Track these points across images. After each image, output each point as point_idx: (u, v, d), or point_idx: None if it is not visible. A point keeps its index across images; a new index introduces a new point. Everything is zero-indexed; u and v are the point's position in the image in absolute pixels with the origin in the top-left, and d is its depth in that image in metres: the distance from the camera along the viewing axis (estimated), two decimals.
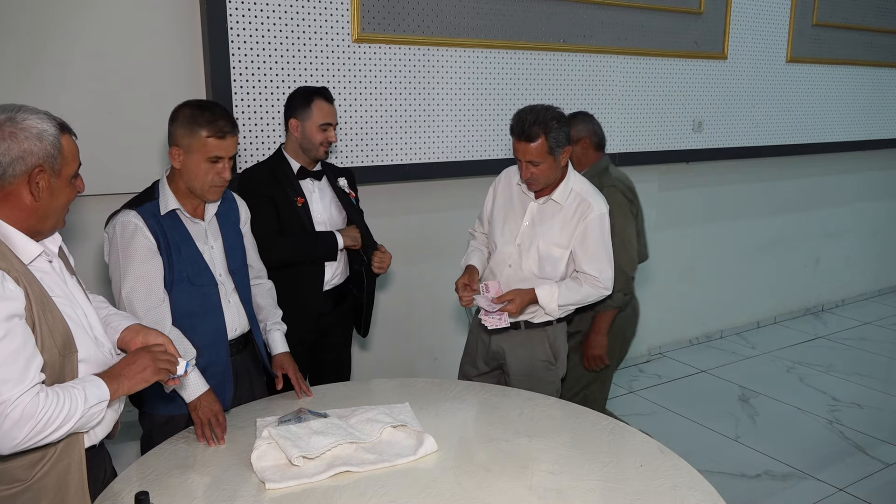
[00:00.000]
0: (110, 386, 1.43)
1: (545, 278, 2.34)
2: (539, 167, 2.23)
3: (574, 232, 2.30)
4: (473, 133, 3.43)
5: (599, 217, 2.29)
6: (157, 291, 1.91)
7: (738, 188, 4.81)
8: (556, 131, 2.20)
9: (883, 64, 5.16)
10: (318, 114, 2.43)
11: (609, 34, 3.76)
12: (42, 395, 1.31)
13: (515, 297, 2.28)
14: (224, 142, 1.91)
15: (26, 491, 1.40)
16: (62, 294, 1.47)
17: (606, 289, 2.33)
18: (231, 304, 2.06)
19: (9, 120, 1.36)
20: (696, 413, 3.76)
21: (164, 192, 1.96)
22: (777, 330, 5.16)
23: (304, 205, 2.48)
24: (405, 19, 3.14)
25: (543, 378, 2.44)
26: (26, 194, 1.38)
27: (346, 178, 2.64)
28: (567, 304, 2.33)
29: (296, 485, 1.60)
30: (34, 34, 2.54)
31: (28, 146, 1.36)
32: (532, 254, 2.34)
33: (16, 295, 1.32)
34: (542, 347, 2.43)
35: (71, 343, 1.43)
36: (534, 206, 2.36)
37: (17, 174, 1.36)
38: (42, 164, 1.38)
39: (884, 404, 3.91)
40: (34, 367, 1.33)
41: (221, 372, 2.03)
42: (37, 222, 1.42)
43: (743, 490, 3.03)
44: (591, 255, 2.30)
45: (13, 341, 1.30)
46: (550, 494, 1.59)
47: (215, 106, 1.95)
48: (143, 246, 1.89)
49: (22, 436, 1.29)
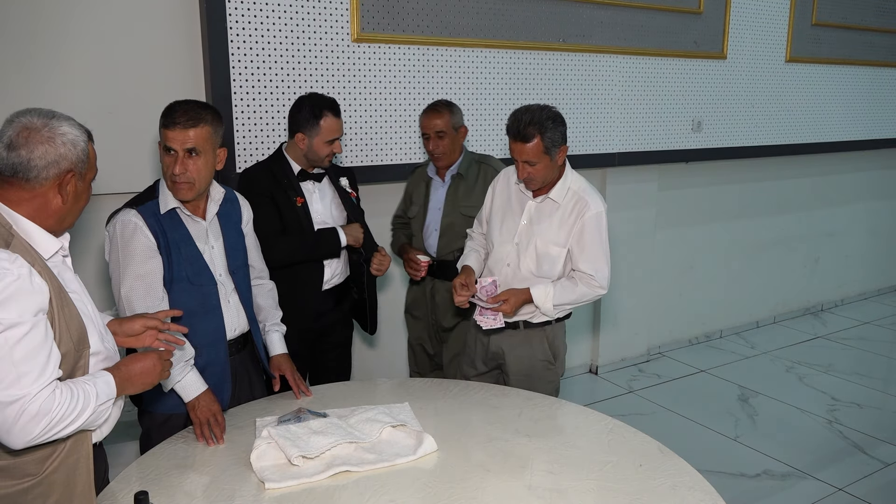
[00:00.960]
0: (116, 382, 1.46)
1: (543, 277, 2.34)
2: (535, 167, 2.23)
3: (571, 230, 2.30)
4: (472, 133, 3.43)
5: (596, 215, 2.28)
6: (157, 290, 1.90)
7: (738, 188, 4.81)
8: (552, 131, 2.21)
9: (882, 64, 5.16)
10: (327, 131, 2.41)
11: (608, 34, 3.76)
12: (58, 392, 1.34)
13: (510, 297, 2.28)
14: (172, 132, 1.85)
15: (37, 485, 1.41)
16: (77, 289, 1.51)
17: (602, 288, 2.31)
18: (230, 304, 2.06)
19: (46, 126, 1.42)
20: (695, 413, 3.76)
21: (163, 192, 1.95)
22: (776, 330, 5.16)
23: (304, 205, 2.48)
24: (404, 19, 3.14)
25: (543, 377, 2.44)
26: (54, 197, 1.43)
27: (347, 177, 2.65)
28: (562, 303, 2.31)
29: (295, 484, 1.60)
30: (34, 34, 2.54)
31: (64, 151, 1.42)
32: (530, 252, 2.34)
33: (43, 289, 1.35)
34: (541, 347, 2.43)
35: (85, 338, 1.46)
36: (532, 205, 2.37)
37: (49, 177, 1.41)
38: (73, 169, 1.43)
39: (883, 404, 3.91)
40: (53, 362, 1.35)
41: (220, 372, 2.03)
42: (56, 223, 1.46)
43: (742, 490, 3.03)
44: (588, 253, 2.29)
45: (37, 336, 1.32)
46: (550, 494, 1.59)
47: (188, 101, 1.91)
48: (142, 245, 1.88)
49: (38, 431, 1.31)
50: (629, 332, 4.42)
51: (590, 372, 4.36)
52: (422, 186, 2.91)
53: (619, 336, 4.38)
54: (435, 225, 2.85)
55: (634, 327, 4.44)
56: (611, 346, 4.36)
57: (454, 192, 2.81)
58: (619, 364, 4.40)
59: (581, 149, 3.81)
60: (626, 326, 4.39)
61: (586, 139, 3.83)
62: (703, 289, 4.81)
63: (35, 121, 1.42)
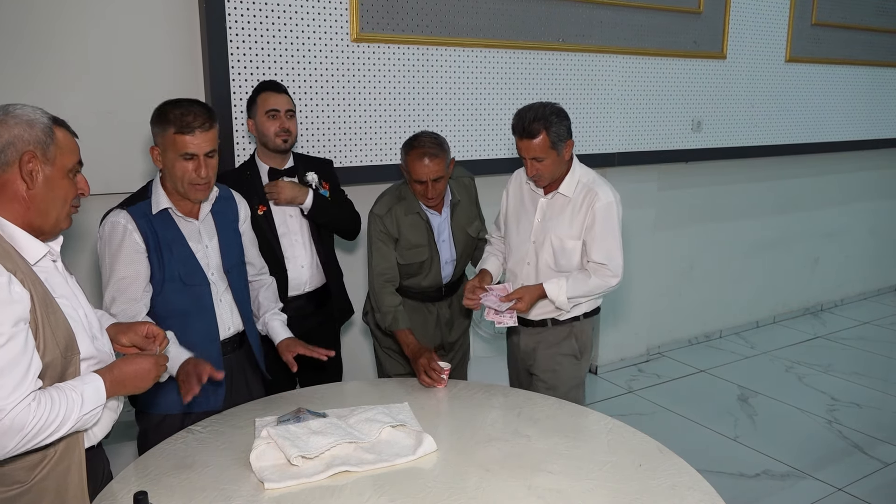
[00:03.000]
0: (107, 385, 1.43)
1: (562, 272, 2.36)
2: (543, 163, 2.26)
3: (583, 222, 2.32)
4: (472, 132, 3.42)
5: (606, 205, 2.31)
6: (136, 293, 1.90)
7: (737, 188, 4.81)
8: (557, 126, 2.24)
9: (882, 63, 5.16)
10: (262, 104, 2.43)
11: (608, 34, 3.76)
12: (34, 404, 1.30)
13: (524, 294, 2.30)
14: (193, 138, 1.84)
15: (26, 493, 1.39)
16: (65, 294, 1.47)
17: (615, 276, 2.32)
18: (223, 303, 2.06)
19: (2, 111, 1.38)
20: (695, 413, 3.76)
21: (156, 192, 1.95)
22: (776, 329, 5.16)
23: (267, 212, 2.45)
24: (404, 19, 3.14)
25: (568, 373, 2.46)
26: (20, 182, 1.38)
27: (315, 172, 2.55)
28: (576, 295, 2.33)
29: (294, 484, 1.60)
30: (34, 35, 2.54)
31: (18, 132, 1.37)
32: (547, 248, 2.37)
33: (23, 298, 1.31)
34: (567, 343, 2.46)
35: (73, 345, 1.43)
36: (543, 202, 2.40)
37: (8, 161, 1.36)
38: (32, 149, 1.38)
39: (883, 404, 3.91)
40: (32, 374, 1.31)
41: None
42: (36, 216, 1.41)
43: (742, 490, 3.03)
44: (599, 242, 2.31)
45: (15, 348, 1.29)
46: (550, 494, 1.58)
47: (190, 101, 1.89)
48: (127, 247, 1.88)
49: (12, 445, 1.29)
50: (629, 332, 4.42)
51: (589, 372, 4.36)
52: (420, 227, 2.48)
53: (618, 336, 4.38)
54: (448, 257, 2.58)
55: (634, 327, 4.44)
56: (610, 346, 4.36)
57: (456, 219, 2.57)
58: (618, 364, 4.40)
59: (581, 149, 3.81)
60: (626, 326, 4.39)
61: (586, 139, 3.83)
62: (703, 289, 4.81)
63: None
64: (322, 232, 2.59)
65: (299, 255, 2.53)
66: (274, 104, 2.43)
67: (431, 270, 2.55)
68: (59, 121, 1.45)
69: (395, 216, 2.45)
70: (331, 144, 3.05)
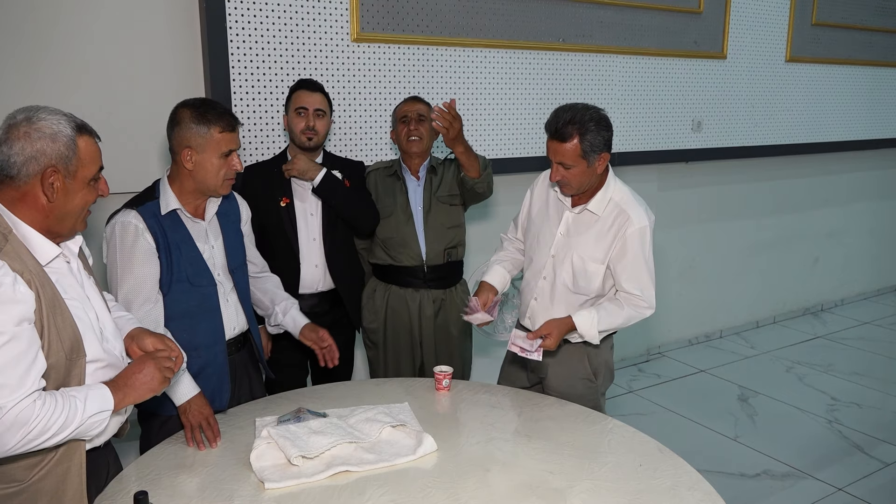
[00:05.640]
0: (115, 396, 1.42)
1: (579, 294, 2.19)
2: (571, 171, 2.04)
3: (611, 246, 2.12)
4: (472, 133, 3.42)
5: (640, 231, 2.10)
6: (153, 293, 1.90)
7: (738, 188, 4.81)
8: (594, 134, 2.00)
9: (882, 63, 5.16)
10: (294, 101, 2.49)
11: (608, 34, 3.76)
12: (39, 403, 1.30)
13: (553, 329, 2.09)
14: (235, 134, 1.94)
15: (23, 492, 1.39)
16: (76, 296, 1.46)
17: (650, 308, 2.16)
18: (229, 303, 2.06)
19: (25, 120, 1.37)
20: (695, 413, 3.76)
21: (164, 192, 1.95)
22: (776, 329, 5.16)
23: (289, 206, 2.52)
24: (404, 19, 3.14)
25: (584, 395, 2.26)
26: (41, 195, 1.38)
27: (341, 171, 2.58)
28: (608, 329, 2.16)
29: (295, 484, 1.60)
30: (34, 35, 2.53)
31: (41, 146, 1.36)
32: (566, 266, 2.18)
33: (27, 298, 1.31)
34: (581, 365, 2.29)
35: (79, 347, 1.42)
36: (569, 216, 2.19)
37: (30, 174, 1.36)
38: (55, 164, 1.38)
39: (883, 404, 3.91)
40: (34, 373, 1.31)
41: (219, 371, 2.03)
42: (54, 223, 1.42)
43: (742, 490, 3.03)
44: (631, 272, 2.12)
45: (18, 346, 1.29)
46: (550, 494, 1.58)
47: (215, 102, 1.97)
48: (142, 248, 1.88)
49: (13, 442, 1.29)
50: (628, 331, 4.39)
51: None
52: (395, 187, 2.65)
53: (618, 336, 4.34)
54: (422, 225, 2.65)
55: (634, 327, 4.39)
56: None
57: (429, 187, 2.66)
58: (618, 364, 4.40)
59: None
60: (626, 326, 4.37)
61: None
62: (703, 289, 4.81)
63: (18, 115, 1.37)
64: (340, 236, 2.60)
65: (314, 255, 2.56)
66: (303, 102, 2.48)
67: (408, 244, 2.61)
68: (83, 129, 1.44)
69: (377, 177, 2.69)
70: (331, 144, 3.05)
